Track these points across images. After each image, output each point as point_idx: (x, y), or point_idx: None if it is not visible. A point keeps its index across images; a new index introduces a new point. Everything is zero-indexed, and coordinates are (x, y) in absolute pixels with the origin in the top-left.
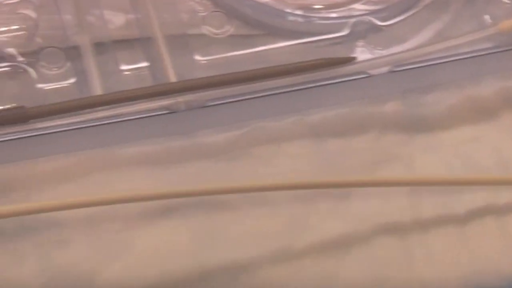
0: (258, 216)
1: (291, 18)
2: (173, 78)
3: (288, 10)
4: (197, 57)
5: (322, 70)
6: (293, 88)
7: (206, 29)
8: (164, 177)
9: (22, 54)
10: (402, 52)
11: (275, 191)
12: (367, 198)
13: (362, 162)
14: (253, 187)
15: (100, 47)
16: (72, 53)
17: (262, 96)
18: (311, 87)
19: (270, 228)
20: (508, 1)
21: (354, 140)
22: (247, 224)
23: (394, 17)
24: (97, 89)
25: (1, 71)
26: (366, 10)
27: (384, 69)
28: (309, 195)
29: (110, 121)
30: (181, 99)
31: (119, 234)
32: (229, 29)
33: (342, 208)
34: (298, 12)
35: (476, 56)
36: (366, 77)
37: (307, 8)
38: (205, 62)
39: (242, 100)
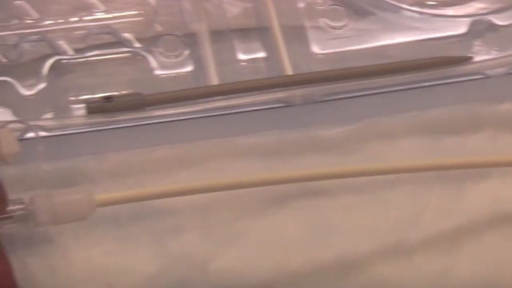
0: (371, 212)
1: (408, 14)
2: (289, 70)
3: (405, 6)
4: (314, 50)
5: (438, 68)
6: (409, 86)
7: (324, 22)
8: (278, 169)
9: (139, 40)
10: None
11: (388, 181)
12: (479, 194)
13: None
14: (371, 170)
15: (217, 35)
16: (190, 41)
17: (377, 93)
18: (426, 86)
19: (382, 223)
20: None
21: (469, 138)
22: (359, 219)
23: None
24: (214, 78)
25: (119, 56)
26: (484, 8)
27: (501, 70)
28: (421, 191)
29: (226, 112)
30: (297, 92)
31: (233, 223)
32: (347, 23)
33: (455, 204)
34: (415, 8)
35: None
36: (483, 78)
37: (424, 4)
38: (321, 55)
39: (357, 96)
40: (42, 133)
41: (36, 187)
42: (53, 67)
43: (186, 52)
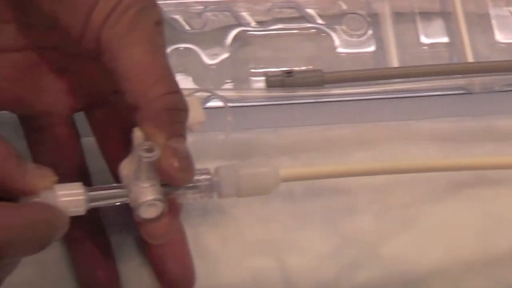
0: None
1: None
2: (470, 57)
3: None
4: (497, 39)
5: None
6: None
7: (509, 11)
8: (453, 156)
9: (322, 17)
10: None
11: None
12: None
13: None
14: None
15: (400, 17)
16: (373, 21)
17: None
18: None
19: None
20: None
21: None
22: None
23: None
24: (394, 60)
25: (301, 32)
26: None
27: None
28: None
29: (404, 95)
30: (477, 80)
31: (406, 208)
32: None
33: None
34: None
35: None
36: None
37: None
38: (504, 44)
39: None
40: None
41: (212, 157)
42: (236, 37)
43: (370, 32)
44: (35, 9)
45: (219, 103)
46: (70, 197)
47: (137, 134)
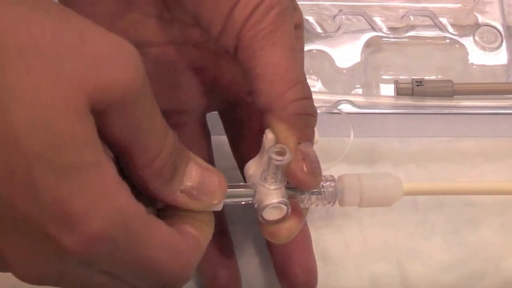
0: None
1: None
2: None
3: None
4: None
5: None
6: None
7: None
8: None
9: (454, 27)
10: None
11: None
12: None
13: None
14: None
15: None
16: (508, 33)
17: None
18: None
19: None
20: None
21: None
22: None
23: None
24: None
25: (433, 41)
26: None
27: None
28: None
29: None
30: None
31: None
32: None
33: None
34: None
35: None
36: None
37: None
38: None
39: None
40: (352, 110)
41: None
42: (367, 43)
43: (503, 45)
44: (178, 4)
45: (346, 109)
46: None
47: (269, 136)
